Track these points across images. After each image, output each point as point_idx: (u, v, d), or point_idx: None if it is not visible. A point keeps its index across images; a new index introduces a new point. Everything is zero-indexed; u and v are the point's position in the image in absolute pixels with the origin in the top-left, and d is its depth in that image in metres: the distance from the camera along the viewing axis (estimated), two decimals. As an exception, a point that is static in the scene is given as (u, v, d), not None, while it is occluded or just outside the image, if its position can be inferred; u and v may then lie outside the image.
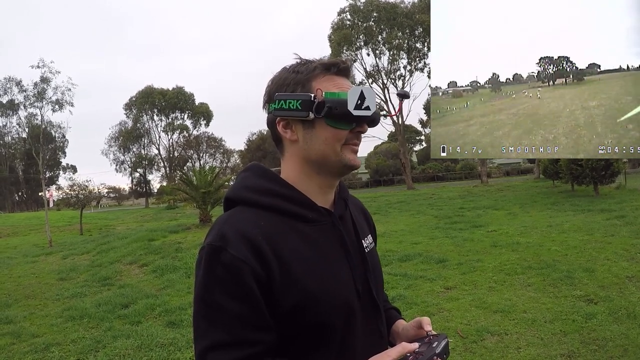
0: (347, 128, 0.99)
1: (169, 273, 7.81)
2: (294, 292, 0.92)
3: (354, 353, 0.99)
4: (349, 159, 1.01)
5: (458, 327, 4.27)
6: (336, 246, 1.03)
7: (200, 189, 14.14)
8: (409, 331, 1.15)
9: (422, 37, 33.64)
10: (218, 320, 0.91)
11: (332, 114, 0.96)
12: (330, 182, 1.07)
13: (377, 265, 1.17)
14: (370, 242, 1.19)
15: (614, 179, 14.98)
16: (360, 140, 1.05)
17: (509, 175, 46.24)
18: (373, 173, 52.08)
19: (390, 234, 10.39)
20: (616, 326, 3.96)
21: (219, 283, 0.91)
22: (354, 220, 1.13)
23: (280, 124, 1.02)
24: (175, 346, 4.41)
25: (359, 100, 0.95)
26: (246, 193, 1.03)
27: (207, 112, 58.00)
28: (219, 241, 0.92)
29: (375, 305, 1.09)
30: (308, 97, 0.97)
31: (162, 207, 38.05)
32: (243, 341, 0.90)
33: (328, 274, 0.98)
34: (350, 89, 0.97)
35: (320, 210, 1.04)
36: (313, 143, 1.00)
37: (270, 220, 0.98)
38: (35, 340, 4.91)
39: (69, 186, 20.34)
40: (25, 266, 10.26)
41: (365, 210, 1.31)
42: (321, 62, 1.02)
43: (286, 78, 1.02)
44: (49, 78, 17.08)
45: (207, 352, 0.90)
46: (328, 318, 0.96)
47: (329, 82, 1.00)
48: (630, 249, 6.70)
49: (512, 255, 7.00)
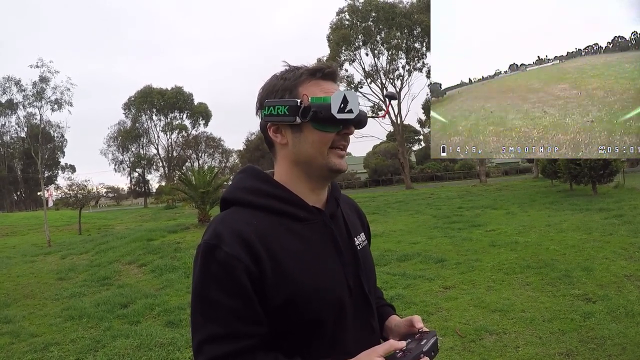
0: (334, 130, 1.03)
1: (167, 273, 7.80)
2: (285, 288, 0.97)
3: (345, 348, 1.03)
4: (334, 163, 1.06)
5: (457, 327, 4.28)
6: (328, 244, 1.07)
7: (199, 189, 14.14)
8: (400, 328, 1.19)
9: (421, 37, 33.66)
10: (213, 314, 0.95)
11: (317, 118, 1.01)
12: (319, 185, 1.11)
13: (369, 263, 1.21)
14: (363, 240, 1.22)
15: (612, 178, 14.99)
16: (348, 142, 1.08)
17: (507, 174, 46.26)
18: (372, 173, 52.07)
19: (388, 234, 10.40)
20: (614, 325, 3.97)
21: (214, 279, 0.96)
22: (346, 219, 1.16)
23: (271, 129, 1.07)
24: (175, 346, 4.41)
25: (342, 104, 1.00)
26: (241, 194, 1.08)
27: (205, 112, 57.96)
28: (214, 239, 0.97)
29: (366, 301, 1.12)
30: (294, 102, 1.02)
31: (161, 207, 38.08)
32: (237, 334, 0.94)
33: (319, 270, 1.02)
34: (334, 93, 1.01)
35: (311, 210, 1.08)
36: (301, 146, 1.05)
37: (264, 220, 1.02)
38: (34, 340, 4.91)
39: (67, 186, 20.30)
40: (24, 266, 10.25)
41: (359, 209, 1.35)
42: (307, 68, 1.06)
43: (275, 85, 1.07)
44: (47, 78, 17.09)
45: (203, 345, 0.95)
46: (319, 314, 1.00)
47: (315, 87, 1.05)
48: (629, 247, 6.71)
49: (510, 255, 7.01)
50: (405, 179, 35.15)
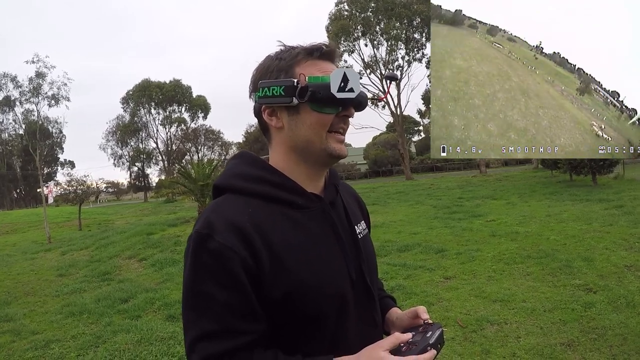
0: (333, 112, 0.98)
1: (168, 266, 7.81)
2: (284, 282, 0.91)
3: (347, 342, 0.97)
4: (333, 148, 1.00)
5: (458, 317, 4.27)
6: (328, 232, 1.02)
7: (198, 182, 14.13)
8: (403, 320, 1.14)
9: (420, 27, 33.49)
10: (206, 309, 0.89)
11: (315, 98, 0.95)
12: (317, 171, 1.06)
13: (370, 252, 1.15)
14: (364, 228, 1.17)
15: (612, 169, 14.98)
16: (347, 125, 1.03)
17: (507, 165, 46.25)
18: (372, 164, 52.02)
19: (389, 224, 10.39)
20: (615, 315, 3.96)
21: (206, 271, 0.89)
22: (346, 206, 1.11)
23: (266, 111, 1.02)
24: (175, 340, 4.41)
25: (342, 83, 0.94)
26: (235, 181, 1.01)
27: (204, 105, 57.83)
28: (206, 229, 0.91)
29: (369, 294, 1.07)
30: (291, 82, 0.95)
31: (161, 200, 38.04)
32: (233, 330, 0.88)
33: (320, 261, 0.96)
34: (333, 71, 0.96)
35: (309, 196, 1.02)
36: (298, 129, 0.99)
37: (259, 208, 0.96)
38: (35, 338, 4.91)
39: (67, 182, 20.26)
40: (24, 263, 10.27)
41: (359, 197, 1.30)
42: (304, 47, 1.00)
43: (269, 66, 1.01)
44: (44, 73, 17.01)
45: (196, 343, 0.88)
46: (320, 307, 0.94)
47: (313, 66, 0.99)
48: (629, 238, 6.70)
49: (511, 245, 7.00)
50: (405, 169, 35.13)
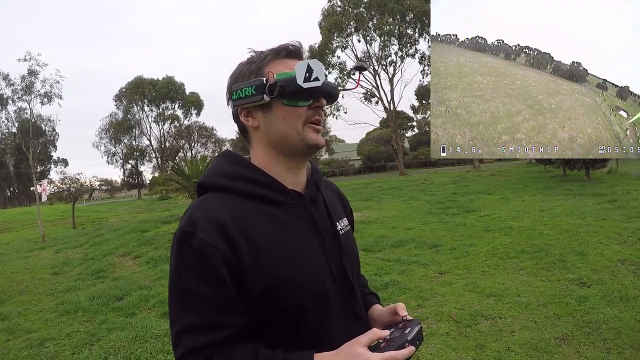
0: (305, 104, 1.01)
1: (162, 264, 7.78)
2: (264, 276, 0.94)
3: (330, 336, 1.00)
4: (311, 138, 1.03)
5: (452, 312, 4.29)
6: (308, 228, 1.04)
7: (192, 179, 14.04)
8: (383, 317, 1.16)
9: (413, 23, 33.49)
10: (190, 304, 0.93)
11: (285, 92, 0.98)
12: (297, 164, 1.08)
13: (352, 248, 1.18)
14: (346, 224, 1.19)
15: (606, 164, 15.07)
16: (321, 116, 1.06)
17: (500, 160, 46.40)
18: (365, 159, 52.08)
19: (383, 220, 10.41)
20: (609, 309, 3.99)
21: (190, 267, 0.92)
22: (327, 203, 1.14)
23: (242, 113, 1.06)
24: (170, 337, 4.40)
25: (307, 73, 0.97)
26: (217, 179, 1.04)
27: (197, 102, 57.63)
28: (189, 226, 0.94)
29: (350, 288, 1.09)
30: (260, 81, 1.00)
31: (155, 198, 37.93)
32: (216, 324, 0.92)
33: (300, 256, 0.99)
34: (297, 64, 0.99)
35: (290, 193, 1.05)
36: (273, 125, 1.02)
37: (241, 205, 0.99)
38: (30, 336, 4.88)
39: (60, 180, 20.15)
40: (19, 262, 10.20)
41: (341, 194, 1.32)
42: (271, 49, 1.05)
43: (241, 70, 1.06)
44: (36, 71, 16.85)
45: (180, 336, 0.93)
46: (301, 302, 0.97)
47: (281, 64, 1.03)
48: (622, 232, 6.75)
49: (505, 240, 7.03)
50: (399, 165, 35.22)
